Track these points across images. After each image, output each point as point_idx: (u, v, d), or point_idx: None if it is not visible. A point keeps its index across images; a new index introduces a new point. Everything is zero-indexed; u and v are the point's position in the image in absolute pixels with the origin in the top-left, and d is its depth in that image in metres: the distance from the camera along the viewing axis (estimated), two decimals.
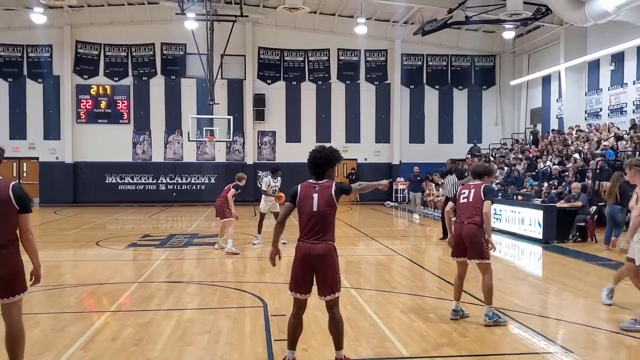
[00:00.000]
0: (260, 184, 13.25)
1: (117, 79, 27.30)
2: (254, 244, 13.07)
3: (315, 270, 4.95)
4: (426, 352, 5.60)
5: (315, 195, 4.90)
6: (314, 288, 5.05)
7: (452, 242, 6.68)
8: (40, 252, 12.48)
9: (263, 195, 13.32)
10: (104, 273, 9.83)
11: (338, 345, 4.99)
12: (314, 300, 7.76)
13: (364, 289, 8.53)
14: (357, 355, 5.46)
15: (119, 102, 27.23)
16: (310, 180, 5.04)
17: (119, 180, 27.37)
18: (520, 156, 22.05)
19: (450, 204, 6.95)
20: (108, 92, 27.17)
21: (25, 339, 4.52)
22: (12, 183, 4.40)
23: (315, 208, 4.87)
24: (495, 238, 14.65)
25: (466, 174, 13.01)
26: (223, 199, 12.10)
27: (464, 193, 6.64)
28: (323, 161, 4.99)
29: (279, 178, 13.40)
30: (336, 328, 4.97)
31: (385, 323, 6.57)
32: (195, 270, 10.12)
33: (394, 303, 7.62)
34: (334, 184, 5.00)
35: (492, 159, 24.41)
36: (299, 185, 5.04)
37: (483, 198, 6.42)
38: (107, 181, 27.19)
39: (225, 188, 12.32)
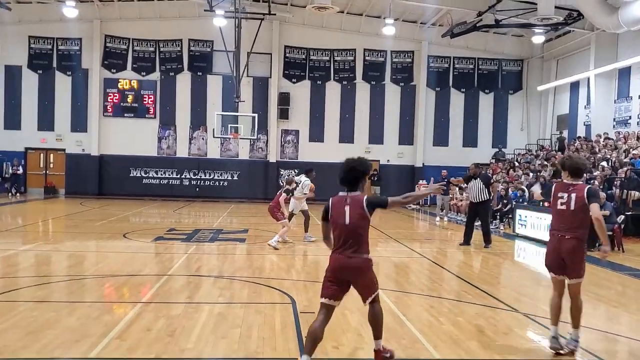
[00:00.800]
0: (302, 187, 13.23)
1: (144, 73, 27.62)
2: (311, 240, 13.20)
3: (352, 282, 4.99)
4: (458, 355, 5.61)
5: (347, 209, 4.92)
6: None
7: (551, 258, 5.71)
8: (69, 242, 12.78)
9: (293, 196, 13.32)
10: (134, 265, 9.99)
11: (377, 334, 5.08)
12: (343, 299, 7.83)
13: (391, 290, 8.53)
14: None
15: (145, 97, 27.56)
16: (342, 193, 5.04)
17: (143, 174, 27.69)
18: (545, 162, 21.82)
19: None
20: (135, 86, 27.51)
21: None
22: None
23: (347, 221, 4.90)
24: (521, 244, 14.59)
25: (492, 180, 12.88)
26: (275, 204, 12.54)
27: (561, 197, 5.53)
28: (357, 173, 5.03)
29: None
30: (376, 319, 5.06)
31: (414, 324, 6.57)
32: (224, 265, 10.21)
33: (422, 305, 7.63)
34: (365, 197, 5.00)
35: (516, 164, 24.19)
36: (330, 200, 5.10)
37: (587, 203, 5.41)
38: (132, 174, 27.53)
39: (278, 193, 12.83)
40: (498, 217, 18.31)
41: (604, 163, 17.49)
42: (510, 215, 17.74)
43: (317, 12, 22.81)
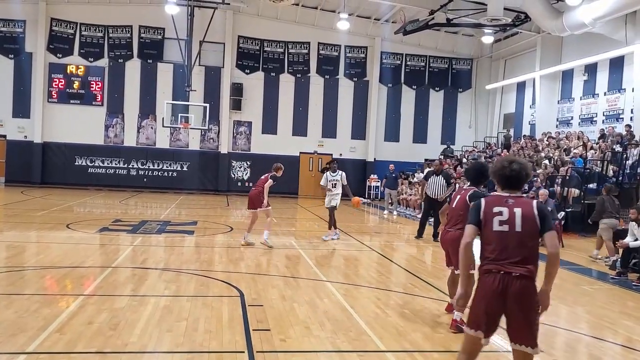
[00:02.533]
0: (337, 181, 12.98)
1: (92, 59, 26.74)
2: (333, 239, 12.81)
3: None
4: (402, 347, 5.70)
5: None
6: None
7: (464, 300, 3.94)
8: (9, 232, 12.30)
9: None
10: (76, 256, 9.68)
11: None
12: (292, 292, 7.82)
13: (340, 282, 8.60)
14: (335, 348, 5.54)
15: (92, 83, 26.68)
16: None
17: (89, 163, 26.87)
18: (491, 160, 22.41)
19: (471, 229, 3.80)
20: (82, 72, 26.58)
21: None
22: None
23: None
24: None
25: (452, 179, 12.73)
26: (260, 189, 11.42)
27: (499, 214, 3.72)
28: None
29: (340, 172, 13.15)
30: None
31: (362, 317, 6.65)
32: (170, 258, 10.03)
33: (369, 297, 7.72)
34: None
35: (464, 160, 24.75)
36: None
37: (539, 226, 3.69)
38: (77, 163, 26.65)
39: (262, 178, 11.61)
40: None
41: (547, 161, 18.10)
42: None
43: (272, 3, 22.68)
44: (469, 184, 6.64)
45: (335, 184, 12.98)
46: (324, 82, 28.76)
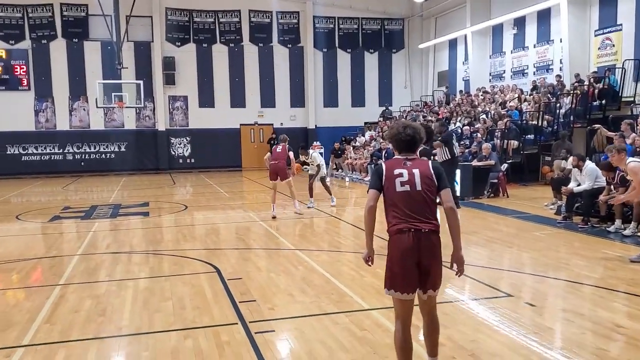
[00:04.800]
0: (313, 160, 13.64)
1: (12, 42, 25.32)
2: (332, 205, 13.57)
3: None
4: (383, 304, 6.01)
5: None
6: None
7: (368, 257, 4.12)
8: None
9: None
10: (38, 247, 9.47)
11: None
12: (266, 262, 7.99)
13: (309, 249, 8.84)
14: (322, 311, 5.77)
15: (16, 67, 25.33)
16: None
17: (22, 151, 25.72)
18: (430, 118, 23.06)
19: (374, 193, 3.90)
20: (3, 56, 25.16)
21: None
22: None
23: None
24: None
25: (439, 137, 12.84)
26: (284, 160, 12.06)
27: (400, 175, 3.84)
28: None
29: (311, 151, 14.13)
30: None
31: (339, 280, 6.92)
32: (133, 240, 9.95)
33: (341, 261, 8.01)
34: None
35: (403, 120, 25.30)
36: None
37: (436, 184, 3.87)
38: (8, 152, 25.45)
39: (279, 151, 12.08)
40: None
41: (484, 116, 18.84)
42: None
43: None
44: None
45: (310, 165, 13.84)
46: (258, 50, 28.48)
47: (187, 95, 27.87)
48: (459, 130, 19.05)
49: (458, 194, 13.43)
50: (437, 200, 3.88)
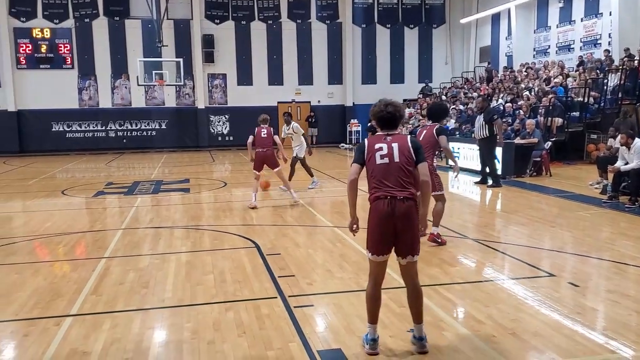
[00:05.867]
0: (295, 132, 12.75)
1: (57, 21, 25.85)
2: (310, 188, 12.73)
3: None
4: (423, 282, 5.98)
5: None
6: None
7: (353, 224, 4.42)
8: (7, 203, 12.22)
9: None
10: (83, 221, 9.75)
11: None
12: (303, 239, 8.02)
13: (346, 227, 8.82)
14: (360, 287, 5.75)
15: (60, 46, 25.89)
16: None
17: (66, 128, 26.40)
18: (472, 95, 22.63)
19: (357, 167, 4.25)
20: (48, 35, 25.73)
21: None
22: None
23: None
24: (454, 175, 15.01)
25: (495, 116, 12.56)
26: (272, 147, 10.60)
27: (380, 149, 4.21)
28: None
29: (293, 123, 12.91)
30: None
31: None
32: (175, 215, 10.14)
33: None
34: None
35: (444, 98, 24.94)
36: None
37: (414, 157, 4.15)
38: (54, 129, 26.17)
39: (265, 134, 10.49)
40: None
41: (527, 92, 18.35)
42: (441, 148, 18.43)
43: None
44: (430, 121, 7.52)
45: (292, 136, 12.86)
46: (296, 27, 28.33)
47: (226, 73, 28.01)
48: (501, 107, 18.63)
49: (500, 172, 13.19)
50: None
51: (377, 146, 4.16)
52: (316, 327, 4.73)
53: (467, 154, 15.37)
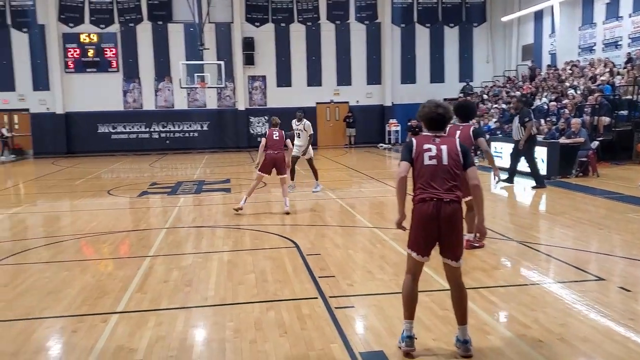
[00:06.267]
0: (306, 130, 12.44)
1: (103, 26, 26.57)
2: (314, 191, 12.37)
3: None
4: (467, 284, 5.86)
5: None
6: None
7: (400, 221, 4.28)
8: (56, 202, 12.61)
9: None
10: (128, 221, 9.99)
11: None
12: (343, 239, 8.00)
13: (386, 228, 8.77)
14: (401, 289, 5.72)
15: (106, 50, 26.61)
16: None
17: (111, 130, 27.09)
18: (514, 93, 22.19)
19: (406, 165, 4.17)
20: (95, 40, 26.48)
21: None
22: None
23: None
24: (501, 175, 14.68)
25: (527, 119, 12.07)
26: (283, 150, 10.44)
27: (429, 150, 4.17)
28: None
29: (305, 121, 12.71)
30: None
31: None
32: (217, 215, 10.27)
33: None
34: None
35: (485, 97, 24.53)
36: None
37: (462, 161, 4.16)
38: (99, 131, 26.90)
39: (278, 137, 10.35)
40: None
41: (572, 91, 17.89)
42: None
43: None
44: (459, 120, 7.17)
45: (299, 133, 12.56)
46: (335, 28, 28.34)
47: (266, 75, 28.24)
48: (545, 107, 18.21)
49: (544, 172, 12.90)
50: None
51: (425, 146, 4.14)
52: (357, 329, 4.71)
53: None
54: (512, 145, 13.19)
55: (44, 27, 25.93)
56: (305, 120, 12.73)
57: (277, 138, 10.42)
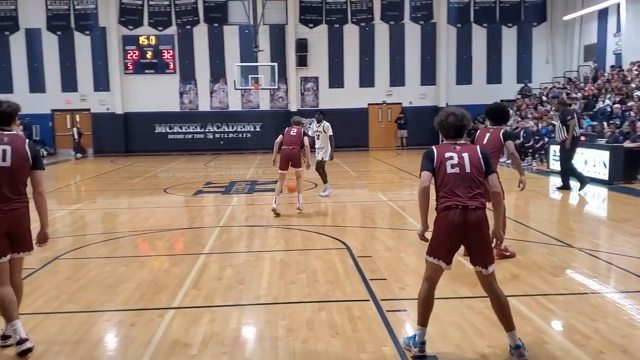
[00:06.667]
0: (325, 131, 12.27)
1: (161, 28, 27.33)
2: (325, 195, 12.28)
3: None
4: (523, 291, 5.74)
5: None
6: None
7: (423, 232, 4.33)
8: (115, 199, 13.02)
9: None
10: (183, 218, 10.23)
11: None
12: (395, 242, 7.98)
13: None
14: (455, 294, 5.63)
15: (164, 52, 27.36)
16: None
17: (168, 130, 27.82)
18: (575, 95, 21.47)
19: (427, 175, 4.17)
20: (153, 42, 27.28)
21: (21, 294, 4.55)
22: (27, 139, 4.46)
23: None
24: (556, 180, 14.25)
25: (569, 117, 11.84)
26: (299, 146, 10.59)
27: (450, 158, 4.17)
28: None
29: (325, 122, 12.55)
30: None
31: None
32: (269, 215, 10.36)
33: None
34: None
35: (544, 99, 23.83)
36: None
37: (484, 168, 4.16)
38: (157, 131, 27.67)
39: (295, 133, 10.60)
40: (529, 153, 18.25)
41: (638, 92, 17.14)
42: (542, 152, 17.67)
43: None
44: (491, 123, 7.06)
45: (319, 135, 12.33)
46: (389, 28, 28.14)
47: (318, 76, 28.34)
48: (608, 109, 17.52)
49: (606, 177, 12.42)
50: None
51: (447, 155, 4.13)
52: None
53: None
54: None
55: (105, 29, 26.92)
56: (324, 121, 12.54)
57: (294, 134, 10.56)
